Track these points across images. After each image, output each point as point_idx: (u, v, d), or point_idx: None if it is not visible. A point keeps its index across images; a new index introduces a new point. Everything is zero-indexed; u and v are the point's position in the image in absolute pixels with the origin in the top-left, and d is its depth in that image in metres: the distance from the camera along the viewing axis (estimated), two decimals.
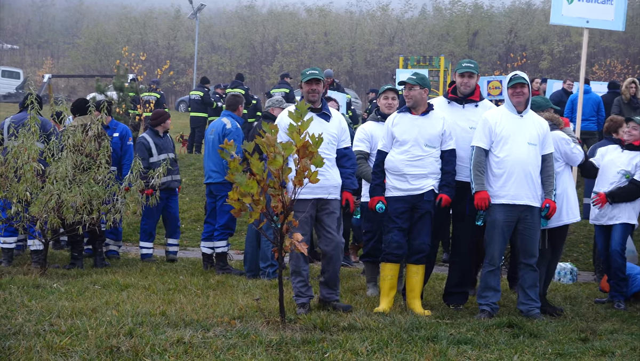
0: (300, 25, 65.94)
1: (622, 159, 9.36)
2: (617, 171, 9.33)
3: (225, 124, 11.42)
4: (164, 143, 12.52)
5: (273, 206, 6.82)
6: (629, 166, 9.28)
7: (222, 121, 11.56)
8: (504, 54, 59.44)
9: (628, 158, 9.33)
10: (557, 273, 11.39)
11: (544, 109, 8.96)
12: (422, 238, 8.29)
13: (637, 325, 8.03)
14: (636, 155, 9.31)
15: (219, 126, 11.48)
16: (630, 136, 9.41)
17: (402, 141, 8.29)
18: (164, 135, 12.61)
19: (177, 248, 12.76)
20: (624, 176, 9.26)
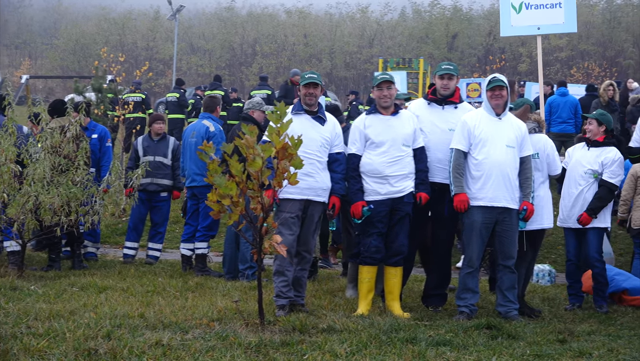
0: (280, 27, 65.91)
1: (588, 158, 9.34)
2: (584, 171, 9.33)
3: (208, 127, 11.42)
4: (153, 146, 12.48)
5: (252, 207, 6.81)
6: (595, 164, 9.28)
7: (203, 123, 11.54)
8: (483, 56, 59.73)
9: (594, 156, 9.32)
10: (536, 274, 11.46)
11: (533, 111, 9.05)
12: (401, 240, 8.31)
13: (615, 326, 8.08)
14: (601, 152, 9.32)
15: (201, 129, 11.46)
16: (588, 132, 9.45)
17: (378, 142, 8.28)
18: (157, 138, 12.55)
19: (157, 253, 12.66)
20: (592, 176, 9.27)
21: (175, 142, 12.62)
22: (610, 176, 9.20)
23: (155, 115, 13.00)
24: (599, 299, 9.27)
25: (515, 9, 9.62)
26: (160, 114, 13.93)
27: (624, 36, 59.47)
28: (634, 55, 58.20)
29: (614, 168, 9.21)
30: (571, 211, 9.36)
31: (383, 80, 8.38)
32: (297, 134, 6.81)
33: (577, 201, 9.28)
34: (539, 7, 9.72)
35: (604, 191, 9.20)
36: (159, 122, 12.65)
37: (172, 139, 12.69)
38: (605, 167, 9.22)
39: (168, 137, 12.64)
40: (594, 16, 61.85)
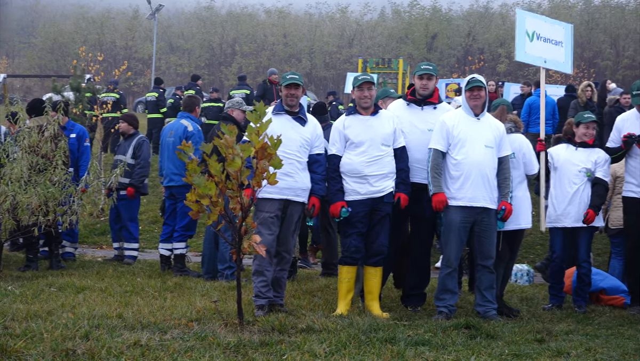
0: (259, 27, 65.87)
1: (580, 158, 9.37)
2: (578, 170, 9.35)
3: (186, 127, 11.39)
4: (122, 145, 12.51)
5: (231, 207, 6.80)
6: (588, 163, 9.32)
7: (181, 123, 11.50)
8: (462, 57, 59.93)
9: (585, 156, 9.34)
10: (514, 274, 11.50)
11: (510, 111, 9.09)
12: (381, 240, 8.31)
13: (592, 326, 8.12)
14: (591, 152, 9.36)
15: (180, 128, 11.43)
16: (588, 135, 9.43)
17: (357, 142, 8.29)
18: (124, 138, 12.56)
19: (133, 253, 12.58)
20: (586, 175, 9.31)
21: (139, 140, 12.54)
22: (604, 174, 9.31)
23: (122, 115, 12.98)
24: (579, 299, 9.31)
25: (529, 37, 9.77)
26: (128, 114, 13.87)
27: (602, 37, 59.92)
28: (611, 56, 58.63)
29: (605, 167, 9.32)
30: (566, 210, 9.31)
31: (364, 81, 8.39)
32: (276, 134, 6.81)
33: (573, 199, 9.28)
34: (547, 40, 9.89)
35: (602, 189, 9.29)
36: (121, 122, 12.66)
37: (138, 137, 12.61)
38: (599, 166, 9.28)
39: (135, 136, 12.58)
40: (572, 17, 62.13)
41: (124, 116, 12.99)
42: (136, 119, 12.98)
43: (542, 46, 9.82)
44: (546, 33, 9.86)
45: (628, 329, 7.95)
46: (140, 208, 16.46)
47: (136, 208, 12.86)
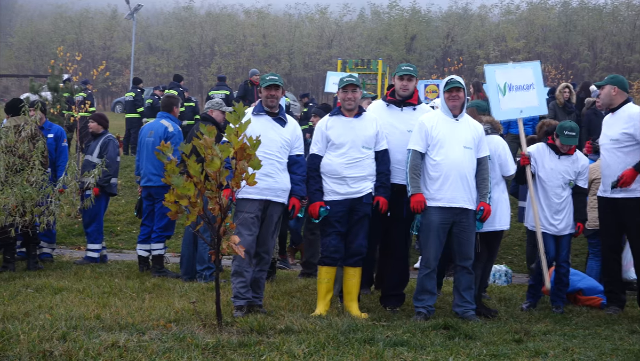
0: (239, 27, 65.77)
1: (564, 168, 9.37)
2: (563, 182, 9.36)
3: (166, 127, 11.35)
4: (91, 145, 12.44)
5: (210, 208, 6.78)
6: (571, 173, 9.34)
7: (161, 123, 11.46)
8: (441, 58, 60.09)
9: (569, 165, 9.36)
10: (492, 275, 11.54)
11: (486, 113, 9.10)
12: (360, 240, 8.33)
13: (570, 326, 8.16)
14: (573, 161, 9.40)
15: (159, 129, 11.38)
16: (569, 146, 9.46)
17: (338, 144, 8.30)
18: (94, 137, 12.50)
19: (94, 254, 12.48)
20: (568, 185, 9.36)
21: (105, 140, 12.47)
22: (584, 183, 9.41)
23: (92, 115, 12.90)
24: (557, 300, 9.36)
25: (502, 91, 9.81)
26: (97, 113, 13.79)
27: (580, 39, 60.26)
28: (589, 58, 58.98)
29: (586, 175, 9.42)
30: (554, 220, 9.35)
31: (349, 83, 8.39)
32: (256, 135, 6.80)
33: (560, 210, 9.31)
34: (519, 88, 9.93)
35: (584, 198, 9.47)
36: (91, 122, 12.60)
37: (104, 136, 12.55)
38: (580, 175, 9.34)
39: (102, 135, 12.52)
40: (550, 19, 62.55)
41: (93, 115, 12.92)
42: (105, 119, 12.92)
43: (516, 96, 9.87)
44: (517, 81, 9.90)
45: (605, 329, 7.99)
46: (119, 208, 16.47)
47: (101, 208, 12.72)
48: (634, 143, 8.76)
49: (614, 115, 9.04)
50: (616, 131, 8.88)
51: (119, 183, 18.03)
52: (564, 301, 9.44)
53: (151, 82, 54.28)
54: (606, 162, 9.00)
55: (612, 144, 8.93)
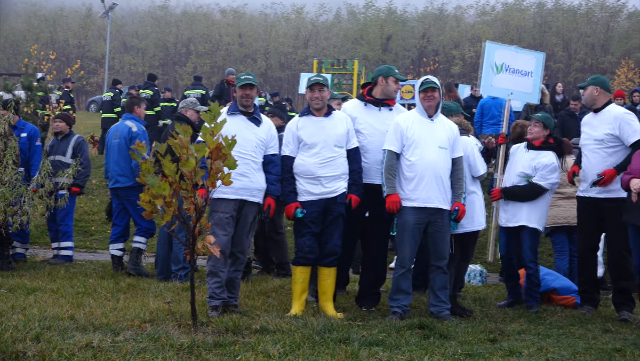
0: (215, 27, 65.66)
1: (525, 160, 9.46)
2: (516, 174, 9.47)
3: (130, 128, 11.33)
4: (56, 145, 12.38)
5: (185, 208, 6.76)
6: (528, 168, 9.40)
7: (126, 124, 11.44)
8: (417, 58, 60.30)
9: (529, 159, 9.43)
10: (467, 274, 11.58)
11: (454, 114, 9.11)
12: (334, 240, 8.33)
13: (544, 326, 8.21)
14: (537, 155, 9.45)
15: (124, 130, 11.37)
16: (530, 133, 9.55)
17: (310, 144, 8.30)
18: (59, 138, 12.42)
19: (68, 252, 12.40)
20: (524, 179, 9.40)
21: (77, 139, 12.42)
22: (539, 179, 9.33)
23: (59, 114, 12.83)
24: (530, 300, 9.40)
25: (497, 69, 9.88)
26: (64, 113, 13.71)
27: (554, 40, 60.64)
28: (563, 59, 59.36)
29: (544, 172, 9.32)
30: (506, 212, 9.46)
31: (315, 82, 8.40)
32: (231, 135, 6.79)
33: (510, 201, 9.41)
34: (515, 72, 9.99)
35: (527, 188, 9.34)
36: (56, 121, 12.53)
37: (76, 137, 12.48)
38: (538, 170, 9.34)
39: (72, 136, 12.44)
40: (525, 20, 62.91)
41: (61, 115, 12.84)
42: (72, 119, 12.87)
43: (510, 78, 9.95)
44: (516, 64, 9.96)
45: (579, 328, 8.04)
46: (93, 208, 16.41)
47: (72, 207, 12.70)
48: (618, 144, 8.82)
49: (597, 115, 9.07)
50: (601, 131, 8.91)
51: (94, 182, 17.97)
52: (537, 301, 9.49)
53: (126, 81, 54.00)
54: (589, 162, 9.02)
55: (596, 144, 8.97)
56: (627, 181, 8.24)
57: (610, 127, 8.87)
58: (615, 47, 59.53)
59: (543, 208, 9.44)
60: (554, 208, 10.90)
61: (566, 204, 10.67)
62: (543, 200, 9.41)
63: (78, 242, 13.07)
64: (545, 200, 9.44)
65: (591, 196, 8.99)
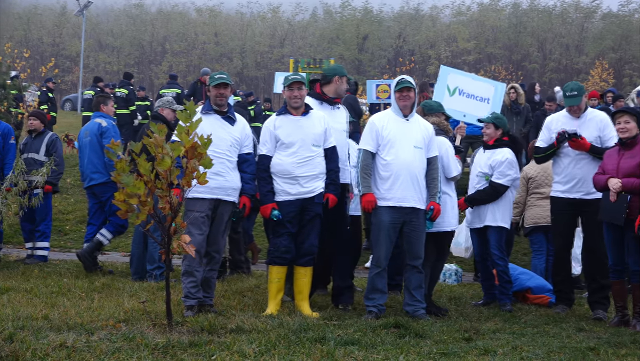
0: (190, 25, 65.48)
1: (482, 161, 9.58)
2: (475, 175, 9.59)
3: (100, 123, 11.28)
4: (30, 143, 12.28)
5: (161, 207, 6.73)
6: (485, 167, 9.50)
7: (95, 121, 11.40)
8: (393, 58, 60.42)
9: (485, 159, 9.57)
10: (442, 274, 11.62)
11: (434, 113, 9.15)
12: (311, 240, 8.33)
13: (519, 324, 8.24)
14: (492, 154, 9.55)
15: (94, 127, 11.33)
16: (485, 135, 9.65)
17: (288, 143, 8.28)
18: (33, 135, 12.33)
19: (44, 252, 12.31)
20: (484, 178, 9.50)
21: (51, 137, 12.33)
22: (498, 177, 9.46)
23: (31, 112, 12.74)
24: (503, 298, 9.46)
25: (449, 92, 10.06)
26: (38, 110, 13.61)
27: (530, 41, 61.00)
28: (538, 59, 59.72)
29: (501, 169, 9.45)
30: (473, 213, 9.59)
31: (294, 80, 8.38)
32: (206, 134, 6.77)
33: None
34: (470, 96, 10.16)
35: (488, 189, 9.48)
36: (30, 119, 12.46)
37: (49, 134, 12.39)
38: (495, 168, 9.45)
39: (45, 133, 12.36)
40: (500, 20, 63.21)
41: (35, 112, 12.74)
42: (46, 116, 12.79)
43: (464, 101, 10.17)
44: (471, 90, 10.19)
45: (553, 327, 8.09)
46: (68, 207, 16.30)
47: (50, 206, 12.61)
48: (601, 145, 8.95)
49: (580, 118, 9.12)
50: (590, 134, 8.98)
51: (68, 181, 17.85)
52: (510, 299, 9.55)
53: None
54: (576, 163, 9.08)
55: None
56: (604, 181, 8.30)
57: (598, 128, 9.01)
58: (589, 47, 60.01)
59: (507, 205, 9.57)
60: (533, 208, 11.01)
61: (545, 204, 10.73)
62: (506, 198, 9.54)
63: (52, 241, 12.96)
64: (507, 197, 9.59)
65: (575, 197, 9.05)
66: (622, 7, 64.05)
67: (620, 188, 8.10)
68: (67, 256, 13.09)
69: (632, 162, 8.16)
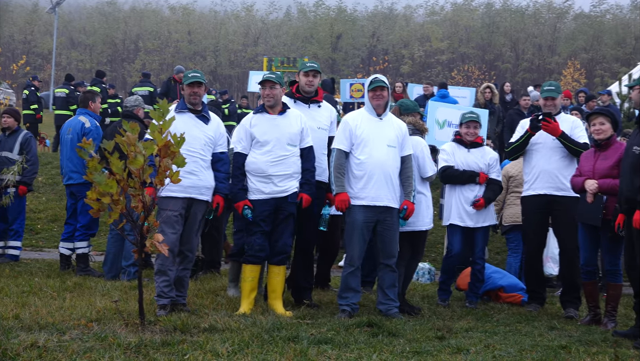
0: (164, 24, 65.25)
1: (474, 159, 9.51)
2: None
3: (83, 123, 11.18)
4: (3, 141, 12.16)
5: (133, 206, 6.69)
6: (482, 165, 9.47)
7: (79, 119, 11.29)
8: (366, 57, 60.55)
9: (479, 157, 9.50)
10: (416, 272, 11.65)
11: (410, 113, 9.16)
12: (285, 239, 8.32)
13: (491, 323, 8.28)
14: (484, 153, 9.56)
15: (77, 125, 11.22)
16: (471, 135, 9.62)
17: (263, 141, 8.27)
18: (7, 133, 12.21)
19: (16, 251, 12.23)
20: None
21: (25, 136, 12.21)
22: (498, 175, 9.53)
23: (5, 109, 12.63)
24: (472, 295, 9.52)
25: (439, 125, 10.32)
26: (12, 108, 13.50)
27: (502, 41, 61.34)
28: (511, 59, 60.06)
29: (497, 168, 9.55)
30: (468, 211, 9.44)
31: (267, 79, 8.38)
32: (180, 133, 6.75)
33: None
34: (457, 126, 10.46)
35: (496, 187, 9.53)
36: (4, 117, 12.34)
37: (23, 133, 12.27)
38: (492, 167, 9.47)
39: (19, 132, 12.25)
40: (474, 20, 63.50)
41: (9, 110, 12.63)
42: (20, 114, 12.69)
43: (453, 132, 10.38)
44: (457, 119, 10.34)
45: (525, 326, 8.14)
46: (40, 206, 16.18)
47: (24, 205, 12.52)
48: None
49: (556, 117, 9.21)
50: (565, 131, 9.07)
51: (40, 180, 17.73)
52: (477, 297, 9.59)
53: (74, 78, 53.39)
54: (546, 158, 9.13)
55: (557, 143, 9.09)
56: (581, 182, 8.37)
57: (571, 126, 9.10)
58: (561, 47, 60.47)
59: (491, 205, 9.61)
60: (512, 207, 11.08)
61: None
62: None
63: (24, 240, 12.85)
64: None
65: (546, 193, 9.10)
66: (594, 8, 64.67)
67: (597, 189, 8.18)
68: (39, 255, 13.00)
69: (607, 163, 8.24)
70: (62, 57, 60.78)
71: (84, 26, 66.26)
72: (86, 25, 66.28)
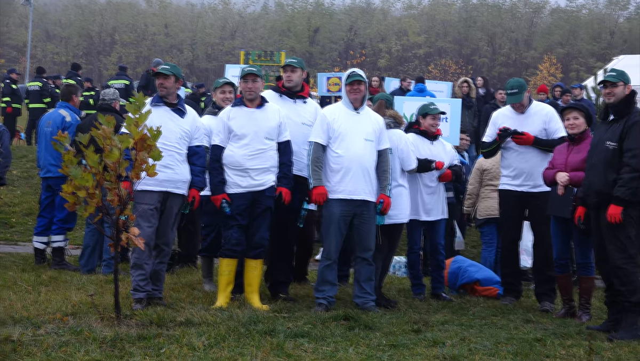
0: (140, 16, 64.97)
1: (438, 152, 9.55)
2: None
3: (64, 117, 11.12)
4: None
5: (109, 199, 6.67)
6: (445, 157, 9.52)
7: (59, 113, 11.22)
8: (343, 51, 60.58)
9: (442, 149, 9.58)
10: (392, 266, 11.67)
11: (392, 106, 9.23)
12: (262, 233, 8.32)
13: (467, 316, 8.32)
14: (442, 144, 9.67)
15: (57, 118, 11.15)
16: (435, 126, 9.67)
17: (240, 135, 8.26)
18: None
19: None
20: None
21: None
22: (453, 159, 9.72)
23: None
24: (439, 285, 9.60)
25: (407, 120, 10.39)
26: None
27: (479, 35, 61.56)
28: (488, 53, 60.28)
29: (457, 156, 9.69)
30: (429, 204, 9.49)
31: (248, 72, 8.37)
32: (155, 126, 6.72)
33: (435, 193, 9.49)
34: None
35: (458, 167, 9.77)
36: None
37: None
38: (452, 159, 9.55)
39: None
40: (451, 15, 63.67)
41: None
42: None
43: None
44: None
45: (501, 319, 8.18)
46: (14, 199, 16.05)
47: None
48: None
49: (524, 113, 9.23)
50: (534, 127, 9.11)
51: (14, 173, 17.60)
52: (442, 283, 9.67)
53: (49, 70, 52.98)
54: (523, 156, 9.18)
55: None
56: (552, 175, 8.42)
57: (544, 121, 9.14)
58: (538, 42, 60.77)
59: None
60: (487, 200, 11.15)
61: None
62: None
63: None
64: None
65: (523, 190, 9.15)
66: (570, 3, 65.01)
67: (568, 182, 8.24)
68: (13, 249, 12.92)
69: (580, 157, 8.28)
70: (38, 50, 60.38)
71: (59, 18, 65.85)
72: (62, 17, 65.88)
